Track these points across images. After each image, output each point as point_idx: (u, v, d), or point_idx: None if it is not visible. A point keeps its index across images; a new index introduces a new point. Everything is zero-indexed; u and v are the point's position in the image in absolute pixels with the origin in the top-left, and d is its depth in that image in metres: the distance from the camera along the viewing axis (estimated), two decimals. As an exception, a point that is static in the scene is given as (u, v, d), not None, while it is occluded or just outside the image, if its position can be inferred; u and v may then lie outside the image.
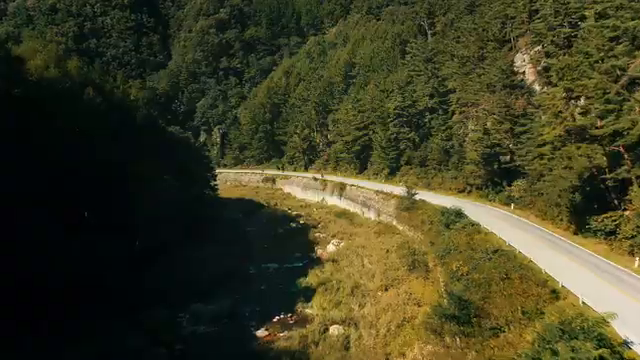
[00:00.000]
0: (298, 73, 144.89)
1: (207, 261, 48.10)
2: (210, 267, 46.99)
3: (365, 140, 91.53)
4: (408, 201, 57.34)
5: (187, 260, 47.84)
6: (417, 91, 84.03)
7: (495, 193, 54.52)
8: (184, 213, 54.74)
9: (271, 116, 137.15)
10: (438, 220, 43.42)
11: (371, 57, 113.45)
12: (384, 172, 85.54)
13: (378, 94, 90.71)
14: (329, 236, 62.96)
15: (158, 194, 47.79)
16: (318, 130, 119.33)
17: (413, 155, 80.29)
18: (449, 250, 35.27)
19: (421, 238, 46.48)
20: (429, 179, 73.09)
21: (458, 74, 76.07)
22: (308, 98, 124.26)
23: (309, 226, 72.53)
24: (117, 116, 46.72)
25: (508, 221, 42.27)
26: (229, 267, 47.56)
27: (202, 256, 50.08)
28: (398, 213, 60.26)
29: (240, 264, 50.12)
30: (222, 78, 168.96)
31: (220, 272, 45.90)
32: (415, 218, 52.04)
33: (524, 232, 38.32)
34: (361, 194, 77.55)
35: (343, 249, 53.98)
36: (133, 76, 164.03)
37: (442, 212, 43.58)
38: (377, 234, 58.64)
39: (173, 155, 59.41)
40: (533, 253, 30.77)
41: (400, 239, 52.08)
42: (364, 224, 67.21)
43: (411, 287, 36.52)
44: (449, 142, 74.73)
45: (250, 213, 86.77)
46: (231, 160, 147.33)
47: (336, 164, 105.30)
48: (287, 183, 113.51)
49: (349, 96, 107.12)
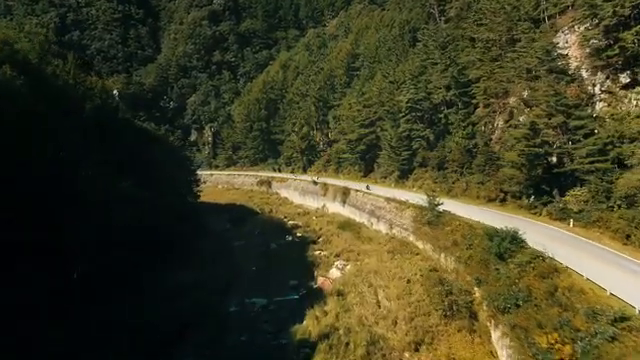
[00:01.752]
0: (296, 66, 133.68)
1: (175, 295, 36.80)
2: (177, 305, 35.71)
3: (371, 138, 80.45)
4: (431, 213, 46.20)
5: (149, 294, 36.56)
6: (432, 82, 72.83)
7: (542, 204, 43.24)
8: (153, 229, 43.44)
9: (267, 113, 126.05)
10: (483, 246, 32.17)
11: (377, 47, 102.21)
12: (394, 175, 74.42)
13: (387, 86, 79.48)
14: (332, 255, 51.78)
15: (110, 206, 36.59)
16: (318, 128, 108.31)
17: (428, 156, 69.17)
18: (515, 299, 24.06)
19: (456, 267, 35.25)
20: (449, 184, 62.06)
21: (483, 61, 64.86)
22: (307, 93, 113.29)
23: (307, 240, 61.44)
24: (54, 104, 35.44)
25: (584, 249, 30.40)
26: (202, 304, 36.26)
27: (171, 286, 38.76)
28: (417, 227, 49.16)
29: (218, 298, 38.88)
30: (215, 73, 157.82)
31: (188, 312, 34.63)
32: (443, 237, 40.90)
33: (625, 271, 25.90)
34: (369, 201, 66.40)
35: (350, 275, 42.86)
36: (119, 71, 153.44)
37: (489, 235, 32.33)
38: (391, 253, 47.48)
39: (142, 156, 48.14)
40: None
41: (423, 263, 40.98)
42: (373, 239, 56.05)
43: (453, 347, 25.43)
44: (471, 140, 63.74)
45: (240, 222, 75.59)
46: (224, 161, 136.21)
47: (338, 165, 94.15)
48: (284, 186, 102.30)
49: (353, 90, 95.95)
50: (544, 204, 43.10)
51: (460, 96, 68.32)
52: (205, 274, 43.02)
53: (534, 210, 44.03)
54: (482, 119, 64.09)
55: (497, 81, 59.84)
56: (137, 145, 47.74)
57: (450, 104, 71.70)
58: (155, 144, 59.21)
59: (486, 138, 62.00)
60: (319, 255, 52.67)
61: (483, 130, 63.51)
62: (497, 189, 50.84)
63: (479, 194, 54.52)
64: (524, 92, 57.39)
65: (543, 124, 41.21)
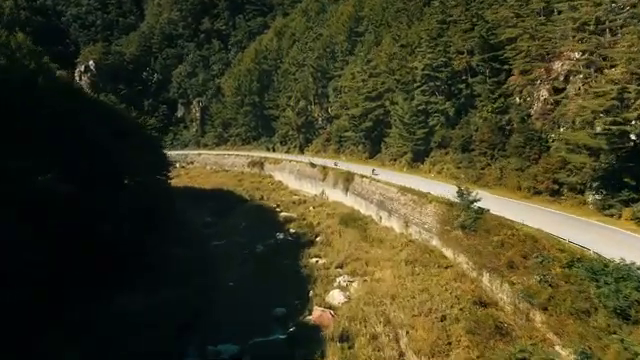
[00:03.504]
0: (292, 33, 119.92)
1: (105, 342, 25.24)
2: (109, 356, 24.25)
3: (379, 114, 68.37)
4: (465, 213, 34.52)
5: (68, 335, 25.04)
6: (453, 45, 60.28)
7: (621, 202, 31.51)
8: (93, 238, 31.65)
9: (260, 86, 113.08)
10: (578, 286, 20.48)
11: (383, 8, 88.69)
12: (405, 157, 62.60)
13: (398, 51, 66.87)
14: (332, 266, 40.23)
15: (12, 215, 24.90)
16: (316, 102, 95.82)
17: (449, 135, 57.15)
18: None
19: (522, 309, 23.63)
20: (477, 170, 50.39)
21: (520, 16, 52.32)
22: (304, 62, 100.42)
23: (302, 240, 50.02)
24: None
25: None
26: (146, 356, 24.61)
27: (105, 324, 27.23)
28: (443, 230, 37.69)
29: (172, 342, 27.40)
30: (203, 42, 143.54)
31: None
32: (486, 250, 29.46)
33: None
34: (377, 190, 54.76)
35: (358, 302, 31.51)
36: (98, 40, 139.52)
37: (589, 270, 20.54)
38: (410, 264, 36.17)
39: (79, 140, 36.04)
40: None
41: (459, 286, 29.82)
42: (384, 240, 44.67)
43: None
44: (504, 116, 52.00)
45: (224, 213, 64.18)
46: (213, 139, 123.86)
47: (339, 145, 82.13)
48: (278, 169, 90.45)
49: (356, 57, 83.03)
50: (624, 202, 31.36)
51: (489, 61, 55.89)
52: (162, 297, 31.45)
53: (607, 211, 32.38)
54: (517, 89, 51.99)
55: (541, 41, 47.59)
56: (70, 123, 35.53)
57: (475, 71, 59.42)
58: (109, 121, 46.86)
59: (523, 113, 50.15)
60: (316, 265, 41.11)
61: (518, 103, 51.63)
62: (548, 179, 39.06)
63: (520, 184, 42.90)
64: (576, 54, 45.42)
65: (635, 92, 28.99)
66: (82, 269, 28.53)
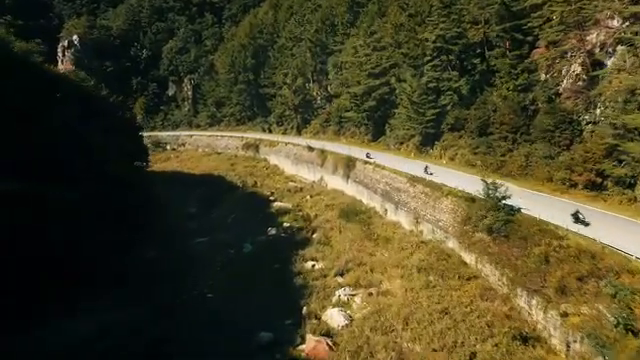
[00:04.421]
0: (290, 6, 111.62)
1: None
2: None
3: (383, 92, 61.82)
4: (492, 215, 28.46)
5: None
6: (468, 14, 53.36)
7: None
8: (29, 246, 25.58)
9: (255, 62, 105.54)
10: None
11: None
12: (413, 141, 56.32)
13: (406, 21, 59.68)
14: (331, 272, 34.24)
15: None
16: (315, 80, 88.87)
17: (463, 116, 50.75)
18: None
19: (586, 352, 17.75)
20: (497, 157, 44.28)
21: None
22: (302, 36, 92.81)
23: (297, 237, 44.02)
24: None
25: None
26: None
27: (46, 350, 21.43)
28: (463, 231, 31.75)
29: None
30: (195, 16, 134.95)
31: None
32: (524, 263, 23.39)
33: None
34: (382, 179, 48.68)
35: (361, 324, 25.78)
36: (83, 13, 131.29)
37: None
38: (424, 273, 30.44)
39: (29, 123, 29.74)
40: None
41: (489, 306, 23.87)
42: (391, 239, 38.79)
43: None
44: (527, 94, 45.76)
45: (212, 204, 58.29)
46: (206, 119, 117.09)
47: (339, 127, 75.64)
48: (273, 152, 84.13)
49: (358, 29, 75.72)
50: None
51: (510, 32, 49.04)
52: (110, 321, 25.36)
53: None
54: (545, 64, 45.36)
55: (574, 8, 40.72)
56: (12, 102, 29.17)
57: (492, 44, 52.66)
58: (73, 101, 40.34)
59: (550, 91, 43.86)
60: (312, 271, 35.18)
61: (544, 79, 45.21)
62: (588, 170, 32.84)
63: (551, 175, 36.73)
64: (615, 22, 38.85)
65: None
66: (13, 290, 22.57)
